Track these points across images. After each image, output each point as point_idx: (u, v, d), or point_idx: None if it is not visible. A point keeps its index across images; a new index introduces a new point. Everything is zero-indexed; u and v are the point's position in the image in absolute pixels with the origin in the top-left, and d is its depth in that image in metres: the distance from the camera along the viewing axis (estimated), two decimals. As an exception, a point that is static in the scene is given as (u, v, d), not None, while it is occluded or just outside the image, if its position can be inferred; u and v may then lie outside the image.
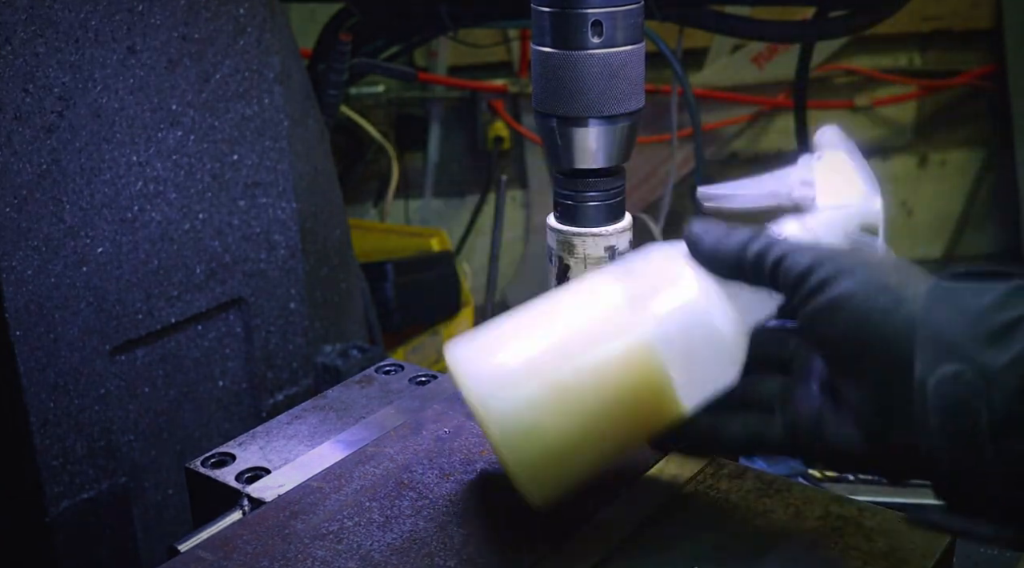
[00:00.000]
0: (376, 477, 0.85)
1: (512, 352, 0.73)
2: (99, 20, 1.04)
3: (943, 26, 2.80)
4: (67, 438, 1.08)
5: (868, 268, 0.67)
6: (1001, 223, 2.92)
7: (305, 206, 1.35)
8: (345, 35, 1.71)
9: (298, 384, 1.33)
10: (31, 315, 1.03)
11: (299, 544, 0.77)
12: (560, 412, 0.70)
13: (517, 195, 2.95)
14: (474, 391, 0.71)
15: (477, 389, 0.71)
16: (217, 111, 1.17)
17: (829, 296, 0.67)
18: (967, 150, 2.93)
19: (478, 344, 0.75)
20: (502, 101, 2.84)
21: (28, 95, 0.99)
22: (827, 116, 2.78)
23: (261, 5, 1.20)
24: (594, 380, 0.71)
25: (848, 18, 1.71)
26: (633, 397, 0.71)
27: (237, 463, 0.91)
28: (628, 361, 0.71)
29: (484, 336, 0.75)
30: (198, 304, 1.19)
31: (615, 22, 0.87)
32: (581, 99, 0.89)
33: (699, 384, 0.73)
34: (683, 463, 0.86)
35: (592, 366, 0.71)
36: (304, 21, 2.18)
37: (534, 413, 0.70)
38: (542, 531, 0.78)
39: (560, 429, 0.71)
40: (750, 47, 2.73)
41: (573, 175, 0.92)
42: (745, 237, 0.72)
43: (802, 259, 0.68)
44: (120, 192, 1.09)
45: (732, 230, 0.73)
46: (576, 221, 0.93)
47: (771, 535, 0.78)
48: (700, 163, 1.93)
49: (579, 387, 0.71)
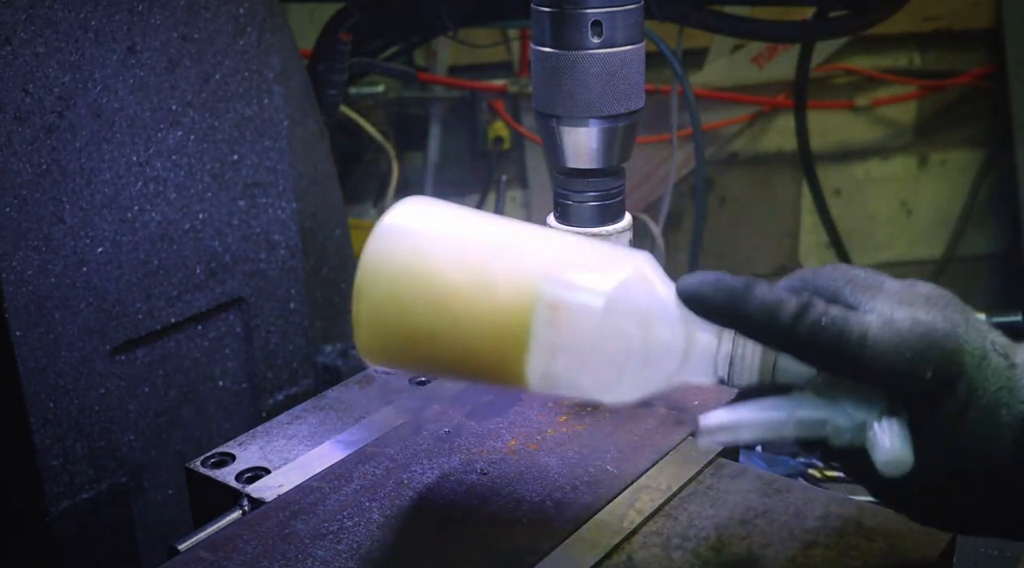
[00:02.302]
0: (376, 477, 0.85)
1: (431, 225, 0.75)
2: (99, 20, 1.04)
3: (943, 26, 2.79)
4: (67, 438, 1.08)
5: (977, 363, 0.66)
6: (1001, 223, 2.92)
7: (305, 206, 1.35)
8: (345, 35, 1.71)
9: (298, 384, 1.33)
10: (31, 315, 1.03)
11: (299, 544, 0.77)
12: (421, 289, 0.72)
13: (517, 195, 2.95)
14: (373, 236, 0.74)
15: (375, 235, 0.74)
16: (217, 111, 1.17)
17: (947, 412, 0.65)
18: (967, 150, 2.92)
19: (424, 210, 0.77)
20: (502, 101, 2.84)
21: (28, 95, 0.99)
22: (827, 116, 2.78)
23: (261, 5, 1.20)
24: (463, 288, 0.71)
25: (848, 18, 1.71)
26: (489, 327, 0.70)
27: (237, 463, 0.91)
28: (505, 291, 0.71)
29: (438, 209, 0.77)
30: (198, 304, 1.19)
31: (615, 22, 0.87)
32: (581, 99, 0.89)
33: (559, 368, 0.70)
34: (683, 463, 0.86)
35: (469, 278, 0.72)
36: (304, 21, 2.17)
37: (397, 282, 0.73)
38: (542, 531, 0.78)
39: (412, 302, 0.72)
40: (750, 47, 2.73)
41: (573, 175, 0.93)
42: (784, 300, 0.66)
43: (894, 351, 0.64)
44: (120, 192, 1.09)
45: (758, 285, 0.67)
46: (576, 221, 0.93)
47: (771, 535, 0.78)
48: (700, 163, 1.93)
49: (448, 283, 0.72)
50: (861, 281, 0.69)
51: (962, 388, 0.65)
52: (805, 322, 0.64)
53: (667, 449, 0.88)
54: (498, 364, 0.71)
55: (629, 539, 0.78)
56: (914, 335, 0.64)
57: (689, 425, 0.90)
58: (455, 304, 0.71)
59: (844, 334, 0.64)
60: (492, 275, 0.71)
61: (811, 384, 0.69)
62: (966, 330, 0.66)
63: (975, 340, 0.66)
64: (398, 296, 0.72)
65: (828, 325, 0.64)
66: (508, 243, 0.74)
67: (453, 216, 0.76)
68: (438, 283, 0.71)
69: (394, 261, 0.73)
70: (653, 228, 2.15)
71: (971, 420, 0.65)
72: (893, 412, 0.66)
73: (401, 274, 0.72)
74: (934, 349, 0.64)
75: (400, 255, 0.73)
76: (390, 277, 0.73)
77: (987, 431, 0.65)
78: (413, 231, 0.74)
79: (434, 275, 0.72)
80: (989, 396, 0.65)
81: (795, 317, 0.65)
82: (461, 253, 0.73)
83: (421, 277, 0.72)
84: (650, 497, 0.82)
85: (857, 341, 0.64)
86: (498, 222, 0.77)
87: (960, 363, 0.65)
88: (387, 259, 0.73)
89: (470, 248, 0.73)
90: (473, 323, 0.71)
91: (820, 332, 0.64)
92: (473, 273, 0.71)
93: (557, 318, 0.69)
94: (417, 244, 0.73)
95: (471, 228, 0.75)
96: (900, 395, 0.66)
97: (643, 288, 0.70)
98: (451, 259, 0.72)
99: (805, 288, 0.69)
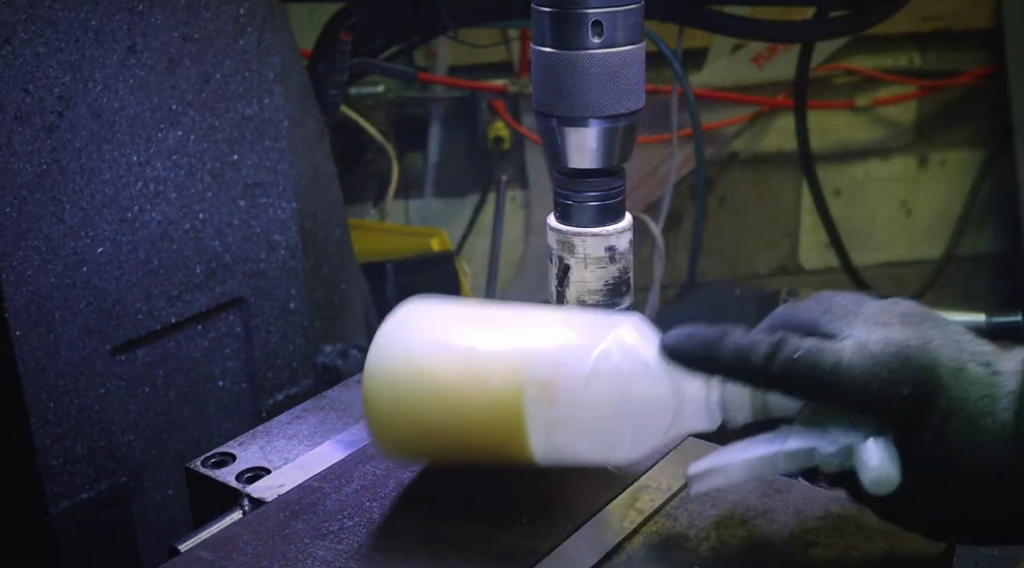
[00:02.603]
0: (376, 477, 0.85)
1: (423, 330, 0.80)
2: (99, 20, 1.04)
3: (943, 26, 2.79)
4: (67, 438, 1.08)
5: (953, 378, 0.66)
6: (1001, 223, 2.92)
7: (305, 206, 1.35)
8: (345, 35, 1.71)
9: (298, 384, 1.33)
10: (31, 315, 1.03)
11: (299, 544, 0.77)
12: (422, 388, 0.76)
13: (517, 195, 2.95)
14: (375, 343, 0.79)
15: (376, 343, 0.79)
16: (217, 111, 1.17)
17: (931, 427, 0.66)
18: (967, 150, 2.92)
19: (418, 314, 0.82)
20: (502, 101, 2.84)
21: (28, 95, 0.99)
22: (827, 116, 2.78)
23: (261, 5, 1.20)
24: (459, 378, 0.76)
25: (848, 18, 1.71)
26: (488, 412, 0.74)
27: (237, 463, 0.91)
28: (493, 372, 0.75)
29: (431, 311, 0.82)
30: (198, 304, 1.19)
31: (615, 22, 0.87)
32: (581, 99, 0.89)
33: (560, 441, 0.74)
34: (683, 463, 0.86)
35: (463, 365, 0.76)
36: (304, 21, 2.17)
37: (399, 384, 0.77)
38: (542, 531, 0.78)
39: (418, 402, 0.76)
40: (750, 47, 2.72)
41: (573, 175, 0.92)
42: (763, 340, 0.68)
43: (872, 371, 0.65)
44: (120, 192, 1.09)
45: (731, 332, 0.69)
46: (576, 221, 0.93)
47: (771, 535, 0.78)
48: (700, 163, 1.93)
49: (448, 380, 0.76)
50: (839, 309, 0.71)
51: (941, 401, 0.65)
52: (778, 359, 0.67)
53: (667, 449, 0.88)
54: (504, 448, 0.75)
55: (629, 539, 0.78)
56: (886, 355, 0.65)
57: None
58: (452, 400, 0.75)
59: (818, 364, 0.66)
60: (480, 366, 0.75)
61: (800, 415, 0.71)
62: (942, 343, 0.67)
63: (951, 352, 0.66)
64: (400, 401, 0.77)
65: (802, 358, 0.66)
66: (494, 331, 0.78)
67: (443, 314, 0.81)
68: (435, 384, 0.76)
69: (393, 369, 0.78)
70: (653, 228, 2.15)
71: (954, 430, 0.65)
72: (879, 432, 0.67)
73: (400, 380, 0.77)
74: (907, 366, 0.65)
75: (396, 362, 0.78)
76: (391, 384, 0.77)
77: (972, 441, 0.65)
78: (406, 336, 0.79)
79: (429, 376, 0.76)
80: (970, 406, 0.65)
81: (767, 356, 0.67)
82: (450, 351, 0.77)
83: (418, 380, 0.76)
84: (650, 497, 0.82)
85: (831, 370, 0.66)
86: (485, 312, 0.82)
87: (936, 377, 0.65)
88: (385, 368, 0.78)
89: (458, 344, 0.77)
90: (472, 415, 0.75)
91: (794, 366, 0.66)
92: (464, 367, 0.76)
93: (547, 395, 0.73)
94: (409, 349, 0.78)
95: (459, 322, 0.80)
96: (882, 414, 0.67)
97: (626, 352, 0.74)
98: (443, 358, 0.77)
99: (784, 325, 0.71)
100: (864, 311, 0.69)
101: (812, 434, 0.70)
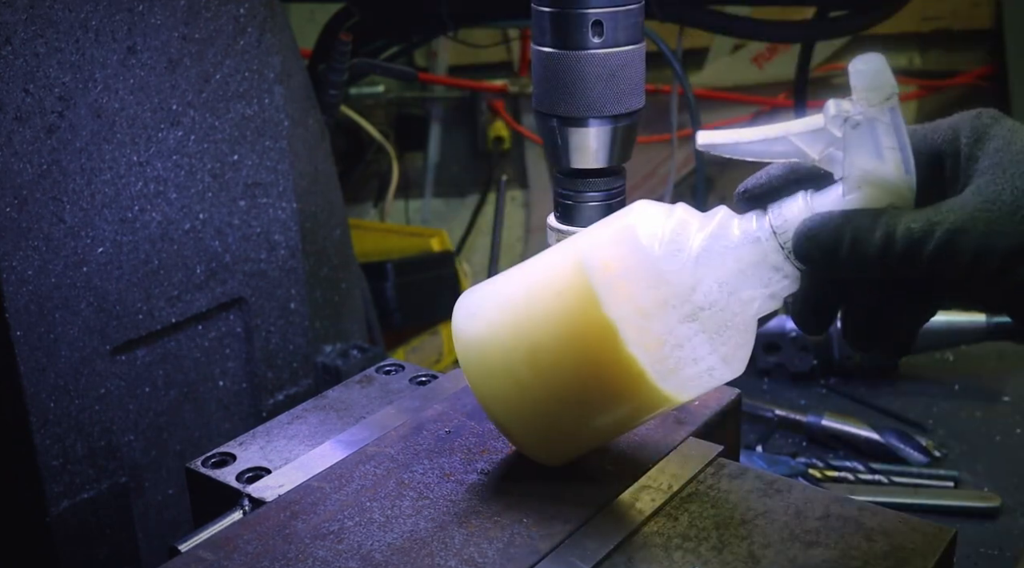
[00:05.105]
0: (376, 477, 0.85)
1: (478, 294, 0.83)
2: (99, 20, 1.04)
3: (943, 26, 2.79)
4: (67, 438, 1.08)
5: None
6: (1001, 223, 2.92)
7: (305, 206, 1.35)
8: (345, 35, 1.71)
9: (298, 384, 1.33)
10: (31, 315, 1.03)
11: (300, 544, 0.77)
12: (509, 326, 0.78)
13: (517, 195, 2.95)
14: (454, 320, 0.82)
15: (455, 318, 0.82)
16: (217, 111, 1.17)
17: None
18: (967, 150, 2.93)
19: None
20: (502, 101, 2.84)
21: (28, 95, 0.99)
22: (827, 116, 2.78)
23: (261, 5, 1.20)
24: (533, 299, 0.78)
25: (848, 18, 1.71)
26: (566, 312, 0.75)
27: (237, 463, 0.91)
28: (556, 270, 0.77)
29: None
30: (198, 304, 1.19)
31: (615, 22, 0.87)
32: (581, 99, 0.89)
33: (636, 310, 0.73)
34: (684, 463, 0.86)
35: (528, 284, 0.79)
36: (304, 21, 2.17)
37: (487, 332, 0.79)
38: (542, 531, 0.78)
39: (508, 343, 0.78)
40: (750, 47, 2.73)
41: (573, 175, 0.93)
42: (873, 224, 0.68)
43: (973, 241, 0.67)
44: (120, 192, 1.09)
45: (834, 217, 0.69)
46: (577, 221, 0.93)
47: (771, 535, 0.78)
48: (700, 163, 1.93)
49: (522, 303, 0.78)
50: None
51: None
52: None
53: (667, 449, 0.88)
54: (609, 363, 0.74)
55: (629, 539, 0.78)
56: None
57: (689, 426, 0.91)
58: (541, 340, 0.76)
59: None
60: (543, 289, 0.77)
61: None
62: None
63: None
64: (507, 372, 0.78)
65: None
66: (544, 264, 0.80)
67: (492, 288, 0.83)
68: (522, 344, 0.77)
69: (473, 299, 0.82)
70: (653, 228, 2.15)
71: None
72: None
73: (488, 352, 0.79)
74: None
75: (475, 337, 0.80)
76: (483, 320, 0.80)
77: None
78: (472, 319, 0.81)
79: (513, 339, 0.78)
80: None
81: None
82: (510, 304, 0.79)
83: (500, 347, 0.78)
84: (650, 497, 0.82)
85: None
86: (526, 264, 0.82)
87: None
88: (471, 348, 0.80)
89: (516, 296, 0.79)
90: (564, 340, 0.75)
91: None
92: (531, 300, 0.77)
93: (612, 273, 0.73)
94: (485, 327, 0.80)
95: (507, 283, 0.82)
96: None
97: (657, 208, 0.76)
98: (507, 322, 0.78)
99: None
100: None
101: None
